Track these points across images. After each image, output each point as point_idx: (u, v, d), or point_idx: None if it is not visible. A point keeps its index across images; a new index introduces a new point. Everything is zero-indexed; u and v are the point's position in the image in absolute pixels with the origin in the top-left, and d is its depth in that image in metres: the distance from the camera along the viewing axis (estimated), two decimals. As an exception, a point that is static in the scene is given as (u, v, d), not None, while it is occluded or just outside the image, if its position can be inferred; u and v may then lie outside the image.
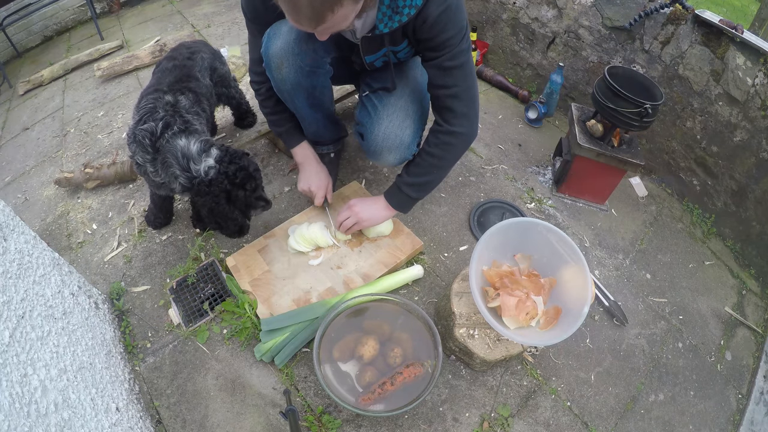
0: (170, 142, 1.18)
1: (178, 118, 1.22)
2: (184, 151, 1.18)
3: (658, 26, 1.73)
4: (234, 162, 1.21)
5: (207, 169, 1.18)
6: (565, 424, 1.21)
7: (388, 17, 1.05)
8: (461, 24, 1.07)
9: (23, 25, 3.28)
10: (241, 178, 1.21)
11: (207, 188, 1.19)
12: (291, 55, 1.20)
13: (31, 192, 1.91)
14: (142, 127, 1.19)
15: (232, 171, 1.20)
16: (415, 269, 1.42)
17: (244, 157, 1.24)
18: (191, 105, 1.31)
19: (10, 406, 0.69)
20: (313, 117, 1.45)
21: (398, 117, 1.31)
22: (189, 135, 1.20)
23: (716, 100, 1.64)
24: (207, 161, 1.19)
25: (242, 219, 1.32)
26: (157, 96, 1.26)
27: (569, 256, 1.14)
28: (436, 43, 1.08)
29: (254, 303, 1.33)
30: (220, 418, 1.18)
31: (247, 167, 1.23)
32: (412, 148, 1.37)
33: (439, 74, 1.14)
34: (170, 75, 1.36)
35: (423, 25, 1.05)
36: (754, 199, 1.63)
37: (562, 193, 1.80)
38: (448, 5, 1.02)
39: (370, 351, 1.15)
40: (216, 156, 1.20)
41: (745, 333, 1.50)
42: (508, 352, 1.14)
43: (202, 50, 1.53)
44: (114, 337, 1.28)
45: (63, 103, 2.51)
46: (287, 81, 1.26)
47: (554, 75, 2.06)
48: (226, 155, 1.21)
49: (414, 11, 1.01)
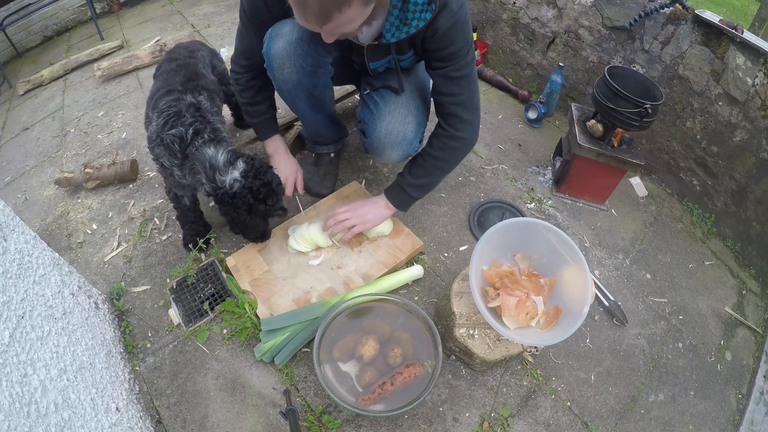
0: (200, 150, 1.19)
1: (207, 125, 1.23)
2: (211, 162, 1.19)
3: (658, 26, 1.73)
4: (258, 177, 1.21)
5: (232, 181, 1.19)
6: (565, 424, 1.21)
7: (396, 27, 1.06)
8: (468, 36, 1.11)
9: (23, 25, 3.28)
10: (264, 193, 1.22)
11: (230, 200, 1.20)
12: (293, 55, 1.21)
13: (31, 192, 1.91)
14: (170, 132, 1.19)
15: (257, 186, 1.21)
16: (415, 269, 1.42)
17: (269, 172, 1.25)
18: (211, 105, 1.31)
19: (10, 406, 0.69)
20: (314, 117, 1.46)
21: (400, 113, 1.32)
22: (217, 144, 1.22)
23: (716, 100, 1.64)
24: (233, 174, 1.19)
25: (264, 225, 1.36)
26: (177, 97, 1.25)
27: (569, 256, 1.14)
28: (444, 54, 1.11)
29: (254, 303, 1.33)
30: (220, 418, 1.18)
31: (271, 182, 1.24)
32: (415, 144, 1.38)
33: (446, 83, 1.17)
34: (178, 75, 1.36)
35: (433, 37, 1.07)
36: (754, 199, 1.63)
37: (562, 193, 1.80)
38: (457, 19, 1.04)
39: (370, 351, 1.15)
40: (242, 170, 1.20)
41: (745, 333, 1.50)
42: (508, 352, 1.14)
43: (200, 48, 1.53)
44: (114, 337, 1.28)
45: (63, 103, 2.51)
46: (289, 81, 1.27)
47: (554, 75, 2.06)
48: (252, 169, 1.22)
49: (423, 24, 1.03)
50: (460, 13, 1.04)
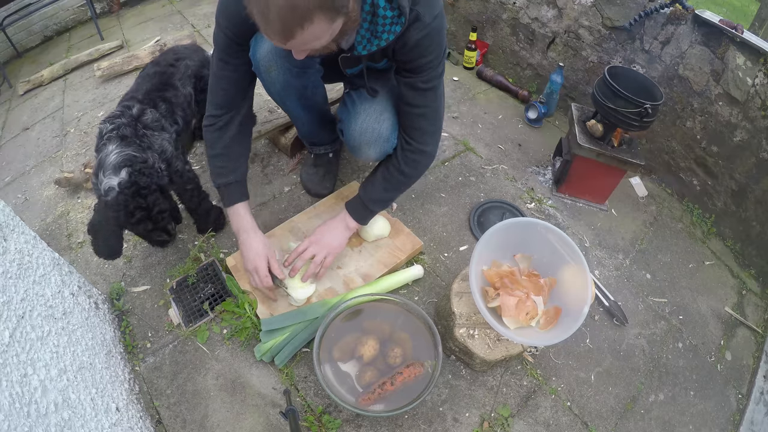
0: (106, 145, 1.12)
1: (129, 128, 1.16)
2: (102, 159, 1.10)
3: (658, 26, 1.73)
4: (137, 196, 1.08)
5: (108, 188, 1.08)
6: (565, 424, 1.21)
7: (366, 40, 1.05)
8: (440, 49, 1.08)
9: (23, 25, 3.27)
10: (138, 217, 1.11)
11: (103, 208, 1.09)
12: (278, 57, 1.19)
13: (31, 192, 1.91)
14: (99, 124, 1.19)
15: (132, 207, 1.08)
16: (415, 269, 1.42)
17: (153, 196, 1.11)
18: (157, 119, 1.27)
19: (10, 406, 0.69)
20: (307, 117, 1.45)
21: (375, 111, 1.31)
22: (122, 144, 1.11)
23: (716, 100, 1.64)
24: (111, 180, 1.07)
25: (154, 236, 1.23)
26: (128, 105, 1.25)
27: (569, 256, 1.14)
28: (413, 65, 1.10)
29: (254, 303, 1.33)
30: (220, 418, 1.18)
31: (150, 208, 1.11)
32: (392, 141, 1.36)
33: (412, 93, 1.16)
34: (149, 82, 1.35)
35: (402, 48, 1.06)
36: (754, 199, 1.63)
37: (562, 193, 1.80)
38: (429, 32, 1.02)
39: (370, 351, 1.15)
40: (121, 181, 1.07)
41: (745, 333, 1.50)
42: (508, 352, 1.14)
43: (189, 57, 1.50)
44: (114, 337, 1.28)
45: (63, 103, 2.51)
46: (277, 82, 1.26)
47: (554, 75, 2.06)
48: (132, 185, 1.08)
49: (393, 36, 1.01)
50: (434, 23, 1.02)
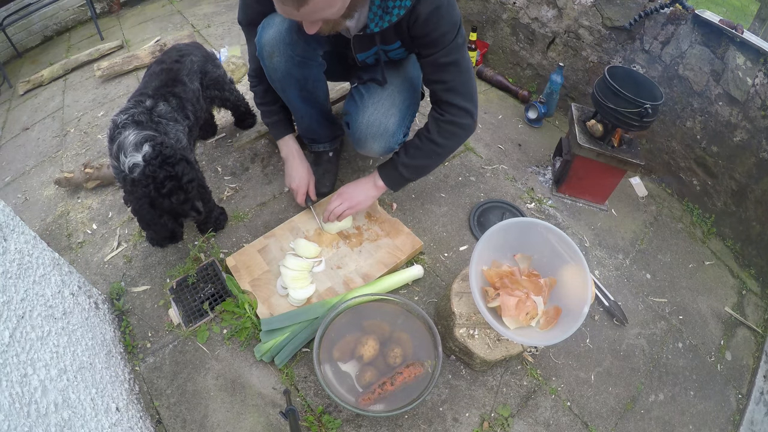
0: (122, 132, 1.13)
1: (144, 116, 1.18)
2: (121, 141, 1.11)
3: (658, 26, 1.73)
4: (165, 167, 1.08)
5: (132, 165, 1.07)
6: (565, 424, 1.21)
7: (378, 17, 1.07)
8: (454, 20, 1.08)
9: (23, 25, 3.27)
10: (168, 188, 1.09)
11: (130, 188, 1.09)
12: (282, 44, 1.21)
13: (31, 192, 1.91)
14: (113, 117, 1.20)
15: (160, 177, 1.07)
16: (415, 269, 1.42)
17: (180, 164, 1.11)
18: (170, 111, 1.29)
19: (10, 406, 0.69)
20: (306, 111, 1.46)
21: (383, 105, 1.32)
22: (139, 128, 1.11)
23: (716, 100, 1.64)
24: (134, 157, 1.06)
25: (172, 224, 1.21)
26: (140, 99, 1.26)
27: (569, 256, 1.14)
28: (429, 39, 1.09)
29: (254, 303, 1.33)
30: (220, 418, 1.18)
31: (180, 176, 1.10)
32: (398, 136, 1.37)
33: (435, 70, 1.16)
34: (157, 79, 1.36)
35: (415, 23, 1.07)
36: (754, 199, 1.63)
37: (562, 193, 1.80)
38: (439, 4, 1.04)
39: (370, 351, 1.15)
40: (146, 154, 1.06)
41: (745, 333, 1.50)
42: (508, 352, 1.14)
43: (192, 53, 1.51)
44: (114, 337, 1.28)
45: (63, 103, 2.51)
46: (278, 70, 1.27)
47: (554, 75, 2.06)
48: (158, 156, 1.07)
49: (404, 11, 1.03)
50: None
